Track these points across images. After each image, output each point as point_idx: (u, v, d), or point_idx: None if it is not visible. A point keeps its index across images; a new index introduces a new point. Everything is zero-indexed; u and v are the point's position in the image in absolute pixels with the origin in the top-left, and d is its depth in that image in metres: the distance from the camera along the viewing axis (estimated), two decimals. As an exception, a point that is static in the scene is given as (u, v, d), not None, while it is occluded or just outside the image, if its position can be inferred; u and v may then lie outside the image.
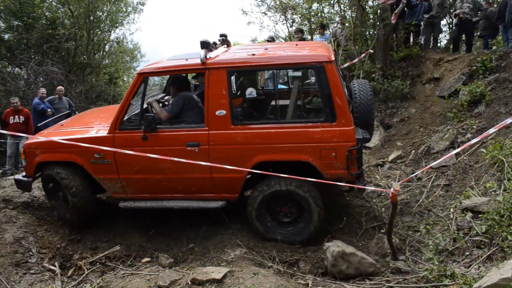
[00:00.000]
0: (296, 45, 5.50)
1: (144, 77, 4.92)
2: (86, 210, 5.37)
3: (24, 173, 5.52)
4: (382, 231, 4.08)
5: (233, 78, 5.37)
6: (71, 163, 5.14)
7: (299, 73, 5.47)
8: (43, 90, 10.23)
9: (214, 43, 5.35)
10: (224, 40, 5.81)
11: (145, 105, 5.04)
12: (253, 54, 4.79)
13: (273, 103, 5.70)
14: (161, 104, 5.54)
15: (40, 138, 5.40)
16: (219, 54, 5.03)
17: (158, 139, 4.78)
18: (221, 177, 4.74)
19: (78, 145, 4.90)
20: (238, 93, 6.04)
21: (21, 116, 9.31)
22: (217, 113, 4.61)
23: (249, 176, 4.76)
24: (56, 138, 5.09)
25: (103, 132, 5.00)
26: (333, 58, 4.48)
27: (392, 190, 3.62)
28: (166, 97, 6.13)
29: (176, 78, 5.45)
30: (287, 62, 4.74)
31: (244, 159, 4.60)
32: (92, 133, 5.15)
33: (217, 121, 4.63)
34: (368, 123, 4.88)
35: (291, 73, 5.73)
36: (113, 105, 10.36)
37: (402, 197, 5.66)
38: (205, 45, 4.90)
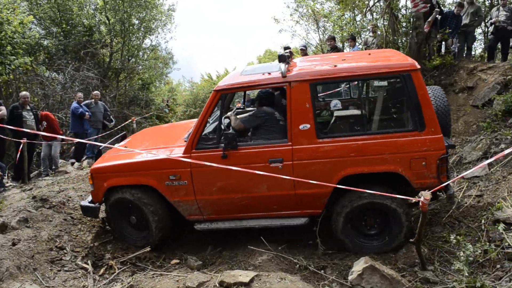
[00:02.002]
0: (369, 54, 5.35)
1: (221, 94, 4.76)
2: (166, 234, 5.23)
3: (90, 199, 5.36)
4: (411, 240, 4.04)
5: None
6: (143, 187, 4.97)
7: (384, 83, 5.25)
8: (80, 94, 10.59)
9: (288, 56, 5.15)
10: (291, 53, 5.62)
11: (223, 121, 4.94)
12: (335, 66, 4.59)
13: (358, 114, 5.42)
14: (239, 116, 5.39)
15: (111, 161, 5.20)
16: (299, 67, 4.87)
17: (239, 156, 4.59)
18: (305, 193, 4.57)
19: (152, 167, 4.82)
20: (322, 106, 5.90)
21: (43, 122, 9.29)
22: (300, 127, 4.47)
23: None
24: (126, 161, 5.01)
25: (178, 152, 4.83)
26: (419, 66, 4.36)
27: (422, 199, 3.58)
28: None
29: (261, 93, 5.23)
30: (373, 72, 4.52)
31: (331, 173, 4.44)
32: (166, 154, 4.91)
33: (301, 135, 4.48)
34: (447, 130, 4.75)
35: (376, 83, 5.53)
36: (167, 124, 10.50)
37: (432, 207, 5.57)
38: (283, 58, 4.76)
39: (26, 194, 6.63)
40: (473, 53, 12.14)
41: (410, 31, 10.46)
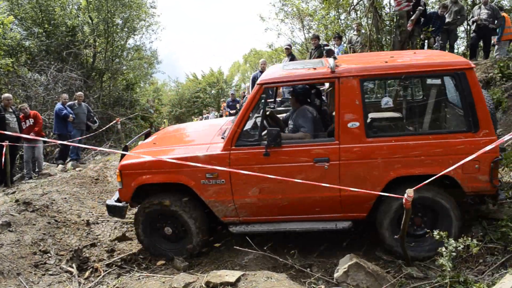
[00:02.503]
0: (414, 53, 5.14)
1: (265, 88, 4.50)
2: (207, 234, 4.91)
3: (116, 197, 5.05)
4: (396, 236, 4.06)
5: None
6: (175, 188, 4.73)
7: (438, 81, 4.99)
8: (65, 95, 10.51)
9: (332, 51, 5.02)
10: (331, 51, 5.40)
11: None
12: (386, 62, 4.42)
13: (409, 113, 5.31)
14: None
15: (143, 157, 4.84)
16: (345, 62, 4.61)
17: (282, 155, 4.37)
18: (351, 195, 4.29)
19: (188, 164, 4.48)
20: (372, 103, 5.64)
21: (31, 119, 9.45)
22: (349, 125, 4.25)
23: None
24: (159, 158, 4.66)
25: (216, 150, 4.58)
26: (473, 65, 4.19)
27: (406, 196, 3.60)
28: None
29: (300, 88, 5.07)
30: (427, 69, 4.31)
31: (379, 175, 4.23)
32: (202, 151, 4.64)
33: (349, 134, 4.25)
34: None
35: (429, 81, 5.28)
36: (194, 122, 10.21)
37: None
38: (331, 52, 4.62)
39: (9, 198, 6.53)
40: (455, 51, 12.31)
41: (394, 30, 10.55)
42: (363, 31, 11.64)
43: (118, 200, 5.01)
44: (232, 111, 15.63)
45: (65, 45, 16.23)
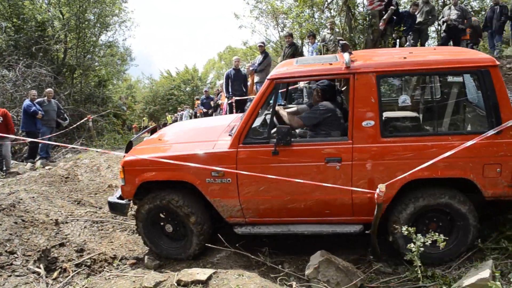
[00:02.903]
0: (434, 49, 4.92)
1: (276, 83, 4.29)
2: (208, 240, 4.67)
3: (119, 194, 4.89)
4: (367, 231, 4.08)
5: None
6: (180, 185, 4.56)
7: (459, 79, 4.73)
8: (34, 92, 10.24)
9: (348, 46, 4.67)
10: (346, 45, 5.29)
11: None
12: (405, 57, 4.16)
13: (427, 112, 5.05)
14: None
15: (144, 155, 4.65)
16: (362, 58, 4.40)
17: (292, 154, 4.16)
18: (363, 198, 4.11)
19: (193, 161, 4.33)
20: (389, 101, 5.37)
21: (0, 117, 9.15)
22: (363, 124, 4.01)
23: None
24: (164, 154, 4.51)
25: (222, 147, 4.39)
26: (498, 62, 3.96)
27: (378, 191, 3.62)
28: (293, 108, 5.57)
29: (322, 84, 4.76)
30: (449, 66, 4.05)
31: (394, 177, 3.93)
32: (208, 148, 4.44)
33: (364, 133, 4.03)
34: None
35: (449, 78, 5.02)
36: (205, 118, 9.88)
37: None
38: (347, 47, 4.35)
39: (-26, 197, 6.32)
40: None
41: (367, 29, 10.70)
42: (336, 29, 11.74)
43: (120, 198, 4.85)
44: (205, 110, 15.52)
45: (34, 40, 15.80)
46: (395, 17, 10.18)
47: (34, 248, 5.01)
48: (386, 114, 4.64)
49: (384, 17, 9.85)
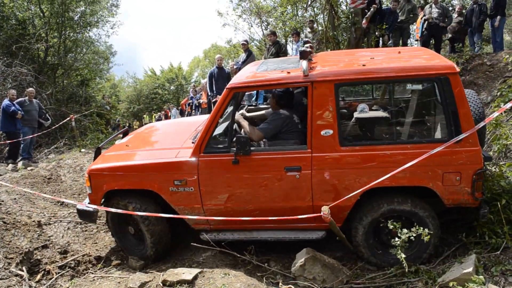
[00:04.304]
0: (399, 52, 4.80)
1: (235, 92, 4.26)
2: (165, 246, 4.77)
3: (87, 202, 4.85)
4: (338, 238, 4.10)
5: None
6: (143, 192, 4.55)
7: (419, 86, 4.66)
8: (13, 91, 10.04)
9: (310, 52, 4.64)
10: (312, 48, 5.10)
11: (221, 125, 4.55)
12: (364, 65, 4.09)
13: (387, 120, 4.95)
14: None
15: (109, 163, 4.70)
16: (322, 64, 4.38)
17: (252, 163, 4.14)
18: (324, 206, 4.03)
19: (155, 170, 4.38)
20: (347, 110, 5.28)
21: None
22: (322, 133, 3.99)
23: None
24: (127, 163, 4.57)
25: (185, 155, 4.36)
26: (458, 69, 3.90)
27: (322, 214, 3.56)
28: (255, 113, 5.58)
29: (278, 91, 4.73)
30: (407, 74, 3.96)
31: (354, 185, 3.96)
32: (171, 157, 4.45)
33: (322, 142, 4.00)
34: (481, 139, 4.23)
35: (409, 86, 4.93)
36: (178, 119, 9.80)
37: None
38: (306, 54, 4.23)
39: (-47, 199, 6.19)
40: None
41: (349, 27, 10.76)
42: (320, 28, 11.80)
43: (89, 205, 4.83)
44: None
45: (14, 39, 15.51)
46: (378, 15, 10.26)
47: (16, 251, 4.94)
48: (346, 123, 4.64)
49: (367, 15, 9.92)
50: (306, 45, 4.75)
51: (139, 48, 79.47)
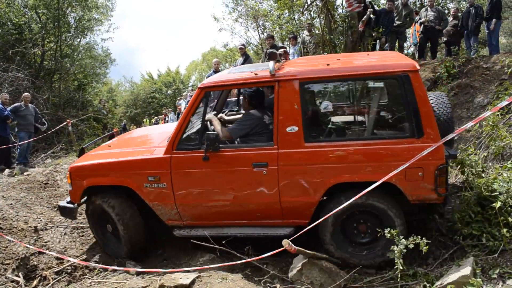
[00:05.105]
0: (367, 55, 4.99)
1: (206, 91, 4.44)
2: (140, 243, 4.92)
3: (68, 199, 5.10)
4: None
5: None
6: (121, 190, 4.74)
7: (380, 84, 4.80)
8: (6, 95, 10.00)
9: (280, 55, 4.95)
10: (286, 52, 5.30)
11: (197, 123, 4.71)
12: (328, 64, 4.27)
13: (351, 118, 5.21)
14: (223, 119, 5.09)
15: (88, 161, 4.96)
16: (290, 65, 4.58)
17: (221, 159, 4.29)
18: (291, 201, 4.25)
19: (130, 167, 4.59)
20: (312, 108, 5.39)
21: None
22: (288, 129, 4.13)
23: (324, 198, 4.20)
24: (105, 161, 4.81)
25: (159, 153, 4.55)
26: (418, 67, 4.00)
27: (285, 247, 3.57)
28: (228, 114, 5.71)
29: (249, 91, 4.88)
30: (368, 72, 4.12)
31: (318, 181, 4.10)
32: (146, 154, 4.68)
33: (288, 138, 4.14)
34: (450, 139, 4.28)
35: (371, 84, 5.08)
36: (164, 124, 10.00)
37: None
38: (274, 56, 4.42)
39: (-51, 205, 6.16)
40: (405, 51, 12.71)
41: (346, 30, 10.78)
42: (317, 31, 11.83)
43: (70, 202, 5.03)
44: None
45: (11, 44, 15.49)
46: (373, 16, 10.28)
47: (12, 256, 4.91)
48: (311, 120, 4.67)
49: (363, 18, 9.96)
50: (280, 50, 5.04)
51: (137, 50, 79.51)
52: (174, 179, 4.44)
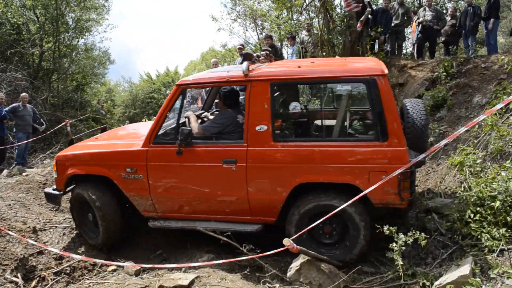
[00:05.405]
0: (345, 59, 5.08)
1: (182, 89, 4.64)
2: (116, 234, 5.12)
3: (54, 186, 5.43)
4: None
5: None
6: (103, 181, 4.94)
7: (348, 87, 4.96)
8: (1, 95, 9.97)
9: (258, 56, 5.14)
10: (268, 55, 5.51)
11: (182, 119, 4.87)
12: (299, 67, 4.48)
13: (318, 119, 5.35)
14: (200, 120, 5.22)
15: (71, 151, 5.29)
16: (263, 67, 4.74)
17: (193, 154, 4.46)
18: (258, 199, 4.37)
19: (110, 158, 4.84)
20: (281, 108, 5.53)
21: None
22: (257, 128, 4.27)
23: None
24: (88, 151, 5.07)
25: (137, 146, 4.76)
26: (386, 71, 4.07)
27: (285, 247, 3.63)
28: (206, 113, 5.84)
29: (224, 91, 5.04)
30: (335, 75, 4.25)
31: (285, 179, 4.22)
32: (126, 147, 4.92)
33: (257, 137, 4.28)
34: (422, 145, 4.34)
35: (339, 87, 5.24)
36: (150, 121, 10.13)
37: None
38: (248, 57, 4.65)
39: None
40: (404, 51, 12.73)
41: (344, 30, 10.79)
42: (315, 31, 11.82)
43: (56, 189, 5.36)
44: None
45: (9, 44, 15.45)
46: (370, 16, 10.28)
47: (11, 257, 4.90)
48: (280, 120, 4.84)
49: (362, 18, 9.96)
50: (262, 52, 5.34)
51: (135, 50, 79.32)
52: (150, 171, 4.64)
